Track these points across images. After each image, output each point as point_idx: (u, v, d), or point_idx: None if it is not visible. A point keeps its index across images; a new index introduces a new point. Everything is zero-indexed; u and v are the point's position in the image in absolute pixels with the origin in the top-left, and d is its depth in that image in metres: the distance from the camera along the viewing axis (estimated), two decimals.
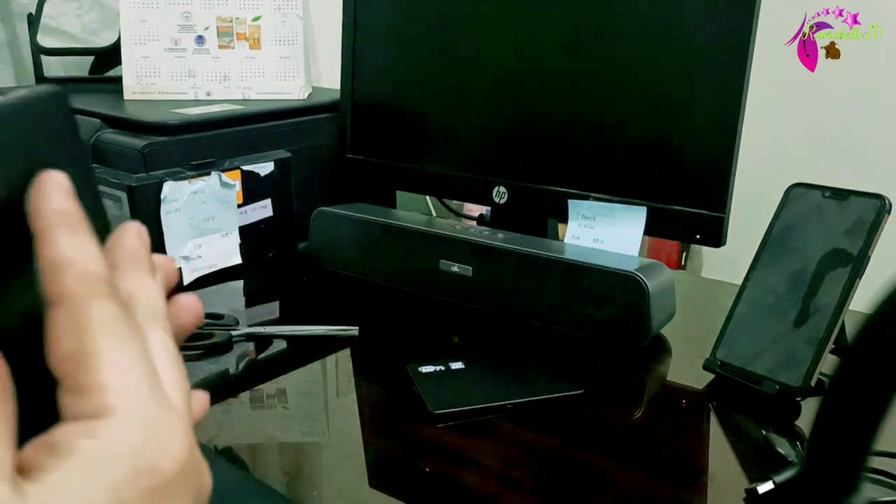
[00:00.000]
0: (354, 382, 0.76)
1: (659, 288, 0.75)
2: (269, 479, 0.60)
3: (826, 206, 0.67)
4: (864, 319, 0.21)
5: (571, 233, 0.85)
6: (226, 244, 0.96)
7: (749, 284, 0.70)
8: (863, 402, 0.22)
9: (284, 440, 0.67)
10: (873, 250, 0.64)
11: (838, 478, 0.23)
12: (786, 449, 0.59)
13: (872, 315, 0.21)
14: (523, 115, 0.90)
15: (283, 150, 1.03)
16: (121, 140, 0.95)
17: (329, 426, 0.70)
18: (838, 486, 0.23)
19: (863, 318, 0.21)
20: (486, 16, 0.92)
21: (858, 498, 0.22)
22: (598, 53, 0.84)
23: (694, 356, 0.73)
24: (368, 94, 1.02)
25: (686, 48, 0.78)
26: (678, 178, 0.79)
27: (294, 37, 1.12)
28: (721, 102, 0.76)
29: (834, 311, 0.63)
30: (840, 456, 0.23)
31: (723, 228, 0.76)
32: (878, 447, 0.22)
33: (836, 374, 0.22)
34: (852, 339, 0.21)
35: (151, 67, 1.11)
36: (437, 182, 0.98)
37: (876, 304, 0.21)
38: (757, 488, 0.54)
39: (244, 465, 0.63)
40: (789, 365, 0.64)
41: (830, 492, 0.23)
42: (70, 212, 0.26)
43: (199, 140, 0.96)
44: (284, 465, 0.65)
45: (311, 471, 0.65)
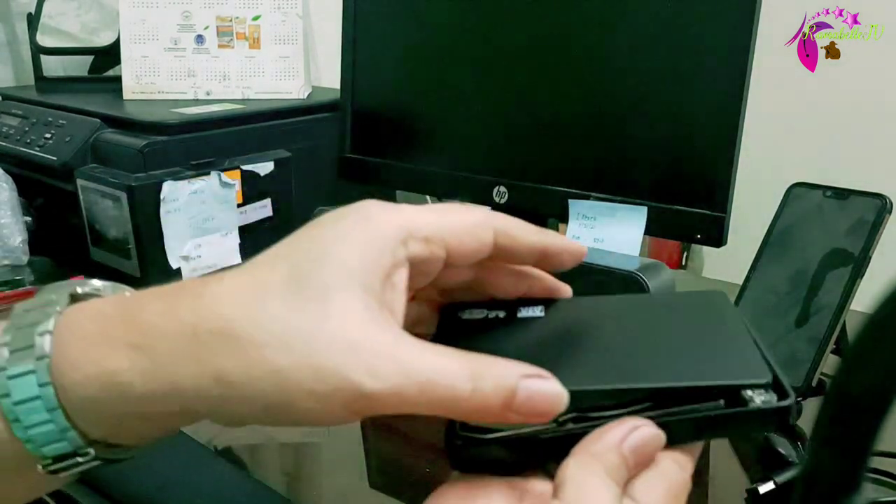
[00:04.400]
0: None
1: (660, 288, 0.75)
2: (269, 479, 0.60)
3: (827, 206, 0.67)
4: (865, 319, 0.21)
5: (572, 232, 0.85)
6: (225, 244, 0.96)
7: (750, 284, 0.70)
8: (864, 403, 0.21)
9: (284, 440, 0.67)
10: (874, 250, 0.64)
11: (839, 478, 0.23)
12: (787, 449, 0.58)
13: (873, 315, 0.21)
14: (524, 114, 0.89)
15: (283, 150, 1.03)
16: (120, 140, 0.95)
17: (329, 427, 0.70)
18: (839, 487, 0.23)
19: (864, 318, 0.21)
20: (486, 15, 0.92)
21: (860, 498, 0.22)
22: (598, 53, 0.84)
23: None
24: (368, 93, 1.02)
25: (687, 47, 0.78)
26: (679, 177, 0.79)
27: (294, 36, 1.12)
28: (722, 102, 0.75)
29: (835, 312, 0.63)
30: (841, 456, 0.22)
31: (724, 228, 0.76)
32: (879, 447, 0.22)
33: (836, 374, 0.22)
34: (853, 339, 0.21)
35: (151, 67, 1.11)
36: (437, 182, 0.98)
37: (877, 304, 0.21)
38: (758, 488, 0.54)
39: (244, 466, 0.63)
40: (790, 365, 0.64)
41: (832, 492, 0.23)
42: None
43: (199, 140, 0.96)
44: (284, 466, 0.65)
45: (310, 471, 0.65)
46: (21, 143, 1.04)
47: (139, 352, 0.30)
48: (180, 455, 0.61)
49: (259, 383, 0.29)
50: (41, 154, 1.00)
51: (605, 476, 0.30)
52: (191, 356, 0.29)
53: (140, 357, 0.30)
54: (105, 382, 0.30)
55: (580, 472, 0.30)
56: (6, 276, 0.94)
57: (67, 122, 1.02)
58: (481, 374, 0.29)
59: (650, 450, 0.31)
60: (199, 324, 0.30)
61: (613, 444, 0.31)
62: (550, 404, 0.30)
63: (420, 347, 0.30)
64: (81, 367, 0.31)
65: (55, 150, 0.99)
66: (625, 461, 0.31)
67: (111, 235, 0.94)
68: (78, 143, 0.98)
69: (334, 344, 0.29)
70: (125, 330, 0.31)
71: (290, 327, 0.29)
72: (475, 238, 0.35)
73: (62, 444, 0.31)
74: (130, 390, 0.30)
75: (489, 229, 0.35)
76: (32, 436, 0.31)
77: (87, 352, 0.31)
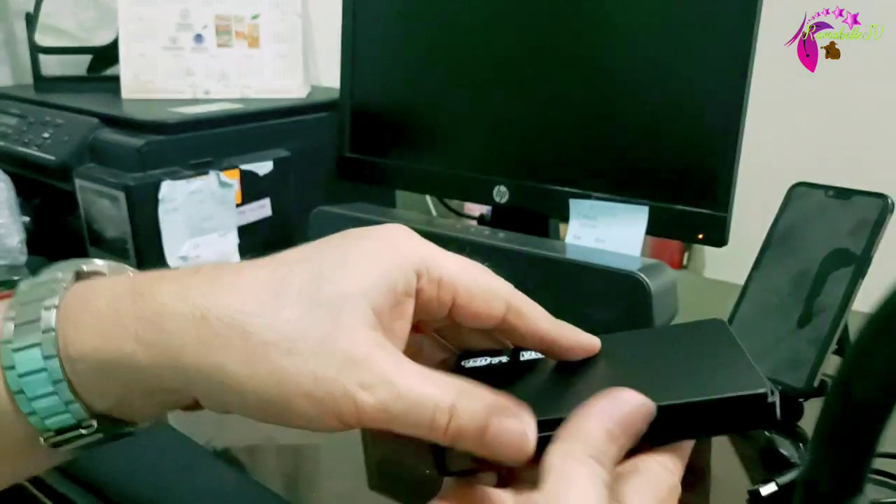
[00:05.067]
0: None
1: (661, 288, 0.74)
2: (268, 481, 0.59)
3: (829, 206, 0.67)
4: (866, 319, 0.21)
5: (573, 232, 0.85)
6: (224, 244, 0.96)
7: (751, 285, 0.69)
8: (866, 404, 0.21)
9: (283, 442, 0.67)
10: (876, 250, 0.63)
11: (841, 479, 0.22)
12: (789, 450, 0.58)
13: (875, 315, 0.21)
14: (524, 113, 0.89)
15: (282, 149, 1.03)
16: (118, 139, 0.95)
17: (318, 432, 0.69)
18: (841, 488, 0.22)
19: (865, 319, 0.21)
20: (486, 14, 0.91)
21: (862, 499, 0.22)
22: (599, 52, 0.84)
23: None
24: (368, 92, 1.02)
25: (688, 47, 0.78)
26: (680, 177, 0.79)
27: (293, 35, 1.12)
28: (723, 102, 0.75)
29: (837, 312, 0.63)
30: (843, 457, 0.22)
31: (725, 228, 0.76)
32: (881, 448, 0.22)
33: (838, 374, 0.22)
34: (855, 339, 0.21)
35: (149, 66, 1.11)
36: (437, 181, 0.97)
37: (878, 304, 0.21)
38: (760, 490, 0.53)
39: (243, 467, 0.62)
40: (792, 366, 0.64)
41: (833, 493, 0.23)
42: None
43: (198, 139, 0.96)
44: (283, 468, 0.65)
45: (310, 473, 0.65)
46: (19, 142, 1.04)
47: (148, 328, 0.31)
48: (179, 457, 0.60)
49: (259, 379, 0.30)
50: (39, 153, 1.00)
51: (591, 461, 0.30)
52: (198, 339, 0.31)
53: (148, 332, 0.31)
54: (111, 354, 0.31)
55: (564, 461, 0.30)
56: (4, 276, 0.93)
57: (65, 122, 1.01)
58: (462, 406, 0.31)
59: (638, 420, 0.32)
60: (210, 309, 0.31)
61: (599, 422, 0.31)
62: (517, 444, 0.31)
63: (414, 372, 0.31)
64: (89, 339, 0.32)
65: (53, 150, 0.99)
66: (611, 437, 0.31)
67: (109, 235, 0.94)
68: (76, 142, 0.97)
69: (338, 355, 0.30)
70: (135, 307, 0.32)
71: (300, 332, 0.31)
72: (486, 304, 0.36)
73: (65, 417, 0.32)
74: (135, 363, 0.31)
75: (503, 303, 0.36)
76: (36, 408, 0.32)
77: (96, 325, 0.32)
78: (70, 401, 0.32)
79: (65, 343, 0.32)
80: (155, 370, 0.31)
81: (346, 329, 0.31)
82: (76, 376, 0.32)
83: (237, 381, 0.30)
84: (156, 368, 0.31)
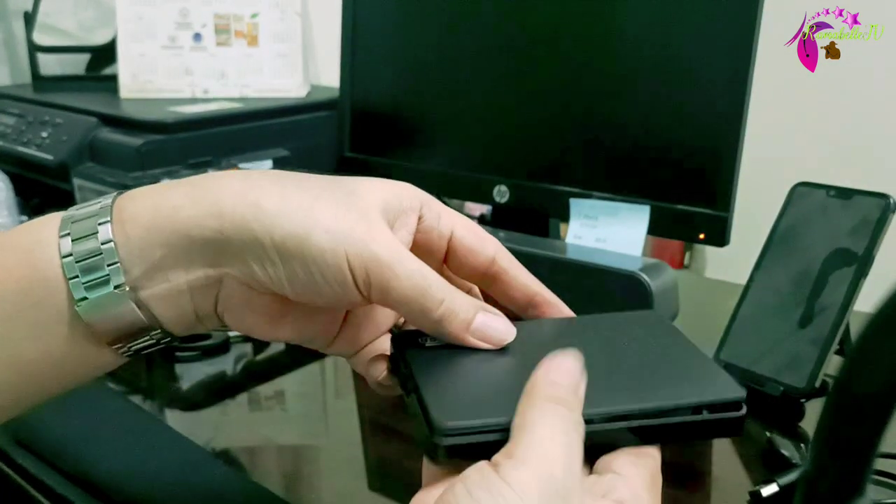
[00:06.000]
0: (353, 384, 0.75)
1: (662, 288, 0.74)
2: (267, 481, 0.59)
3: (831, 206, 0.67)
4: (868, 319, 0.21)
5: (573, 232, 0.85)
6: None
7: (753, 284, 0.69)
8: (867, 404, 0.21)
9: (282, 442, 0.67)
10: (878, 250, 0.63)
11: (843, 480, 0.22)
12: (790, 451, 0.58)
13: (877, 315, 0.21)
14: (524, 113, 0.89)
15: (282, 149, 1.03)
16: (117, 138, 0.95)
17: (328, 428, 0.69)
18: (843, 489, 0.22)
19: (867, 319, 0.21)
20: (486, 13, 0.91)
21: (863, 500, 0.22)
22: (600, 52, 0.83)
23: None
24: (368, 91, 1.02)
25: (690, 46, 0.77)
26: (682, 177, 0.79)
27: (292, 34, 1.12)
28: (725, 101, 0.75)
29: (839, 312, 0.63)
30: (844, 458, 0.22)
31: (726, 228, 0.76)
32: (882, 449, 0.22)
33: (840, 374, 0.22)
34: (857, 339, 0.21)
35: (148, 65, 1.11)
36: (437, 181, 0.97)
37: (880, 304, 0.20)
38: (761, 491, 0.53)
39: (242, 468, 0.62)
40: (794, 366, 0.64)
41: (834, 494, 0.22)
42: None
43: (197, 138, 0.96)
44: (282, 468, 0.65)
45: (309, 473, 0.65)
46: (18, 141, 1.04)
47: (193, 187, 0.37)
48: (178, 457, 0.60)
49: (288, 211, 0.35)
50: (38, 153, 1.00)
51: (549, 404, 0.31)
52: (238, 191, 0.36)
53: (193, 190, 0.36)
54: (158, 206, 0.36)
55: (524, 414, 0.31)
56: None
57: (64, 121, 1.01)
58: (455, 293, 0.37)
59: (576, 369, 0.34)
60: (251, 175, 0.38)
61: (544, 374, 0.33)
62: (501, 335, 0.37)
63: (420, 261, 0.37)
64: (139, 199, 0.37)
65: (52, 149, 0.99)
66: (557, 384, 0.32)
67: None
68: (75, 141, 0.97)
69: (357, 212, 0.36)
70: (182, 183, 0.37)
71: (327, 193, 0.37)
72: (479, 242, 0.42)
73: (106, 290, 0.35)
74: (179, 213, 0.36)
75: (493, 246, 0.42)
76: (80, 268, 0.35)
77: (147, 194, 0.37)
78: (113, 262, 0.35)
79: (119, 214, 0.36)
80: (196, 220, 0.35)
81: (365, 208, 0.37)
82: (125, 238, 0.35)
83: (268, 214, 0.35)
84: (196, 216, 0.35)
